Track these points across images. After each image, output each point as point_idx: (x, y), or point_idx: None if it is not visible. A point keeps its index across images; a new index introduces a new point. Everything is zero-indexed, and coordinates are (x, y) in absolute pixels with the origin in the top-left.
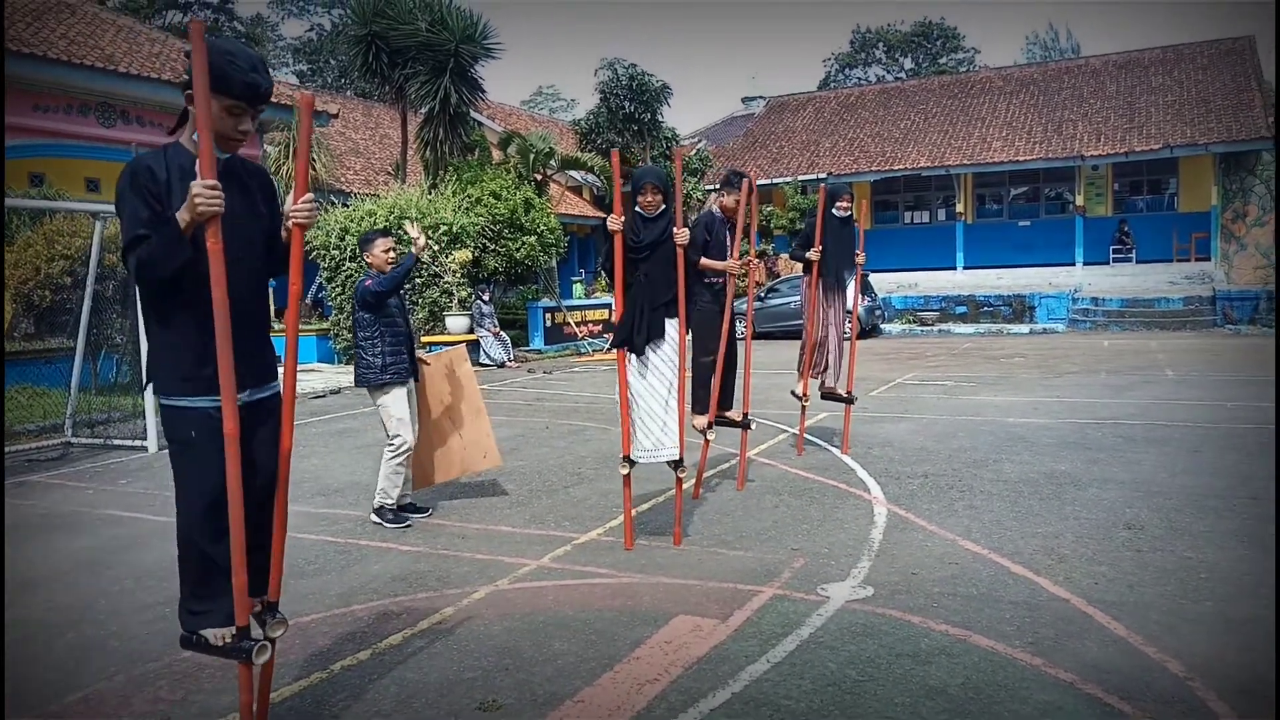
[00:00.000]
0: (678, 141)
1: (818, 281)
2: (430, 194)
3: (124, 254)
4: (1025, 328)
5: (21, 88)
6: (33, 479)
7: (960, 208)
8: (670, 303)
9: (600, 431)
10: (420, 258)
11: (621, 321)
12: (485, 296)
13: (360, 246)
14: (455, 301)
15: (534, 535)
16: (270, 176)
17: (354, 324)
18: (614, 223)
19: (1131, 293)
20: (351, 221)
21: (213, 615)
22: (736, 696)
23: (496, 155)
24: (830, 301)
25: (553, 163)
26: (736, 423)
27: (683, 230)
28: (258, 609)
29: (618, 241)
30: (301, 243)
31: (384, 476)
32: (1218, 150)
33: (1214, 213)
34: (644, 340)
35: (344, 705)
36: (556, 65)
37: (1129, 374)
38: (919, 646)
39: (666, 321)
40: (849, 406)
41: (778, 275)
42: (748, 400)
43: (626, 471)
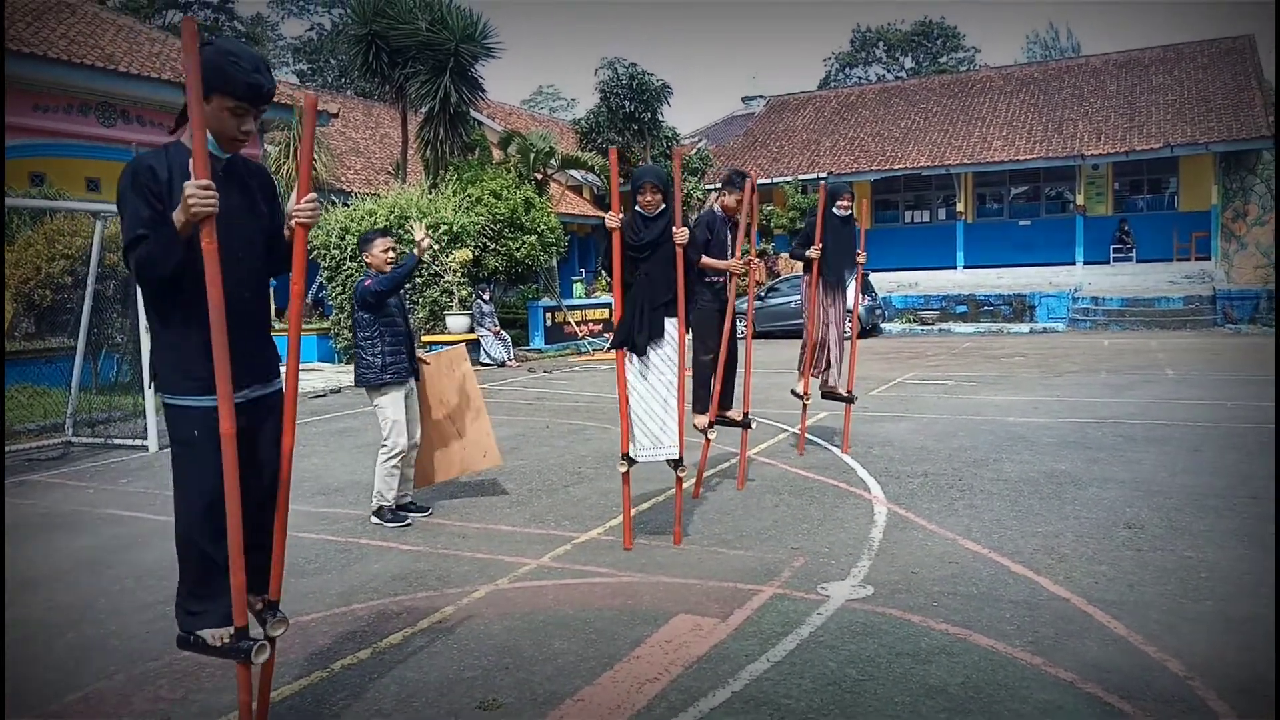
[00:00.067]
0: (678, 141)
1: (818, 281)
2: (430, 193)
3: (125, 253)
4: (1025, 327)
5: (22, 88)
6: (33, 478)
7: (960, 207)
8: (670, 302)
9: (600, 431)
10: (422, 259)
11: (621, 321)
12: (485, 296)
13: (360, 246)
14: (455, 301)
15: (534, 534)
16: (271, 175)
17: (354, 324)
18: (612, 220)
19: (1132, 292)
20: (352, 221)
21: (210, 615)
22: (736, 695)
23: (497, 155)
24: (831, 301)
25: (553, 162)
26: (737, 422)
27: (682, 230)
28: (258, 608)
29: (616, 240)
30: (304, 242)
31: (380, 478)
32: (1218, 149)
33: (1214, 212)
34: (644, 340)
35: (344, 704)
36: (556, 65)
37: (1129, 373)
38: (919, 645)
39: (666, 321)
40: (849, 406)
41: (778, 274)
42: (748, 399)
43: (625, 470)
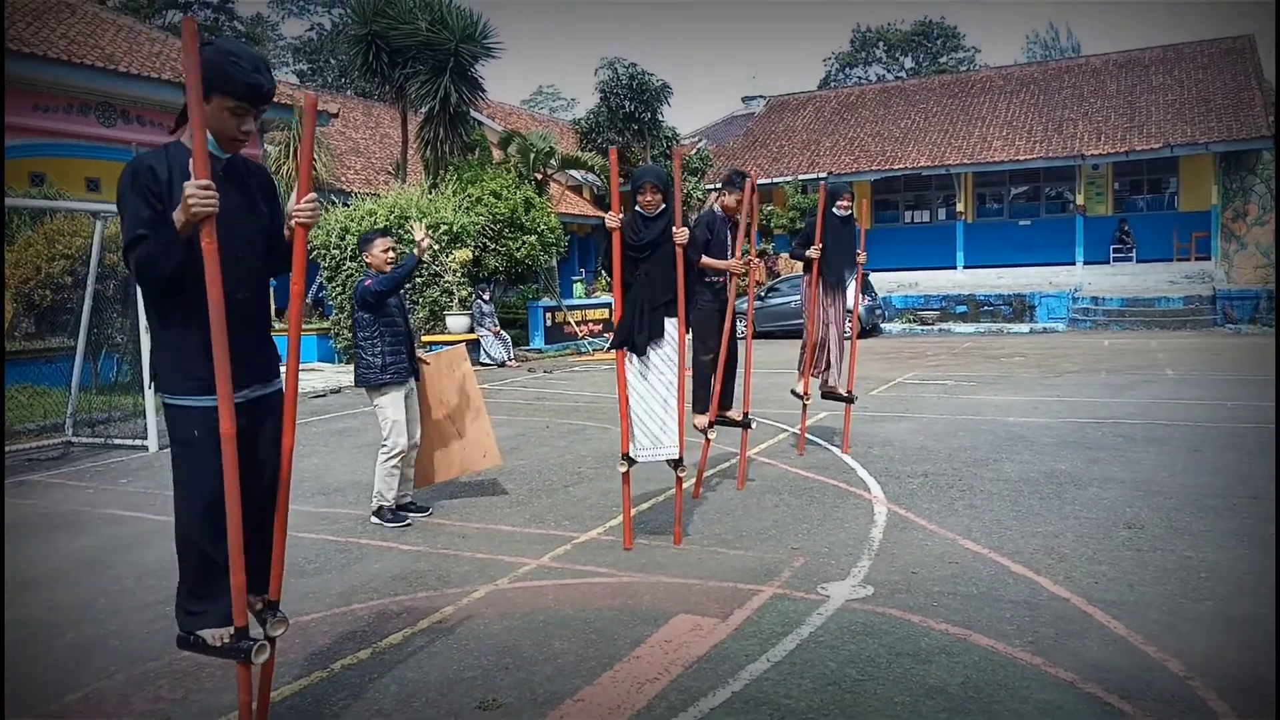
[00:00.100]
0: (678, 141)
1: (818, 280)
2: (430, 193)
3: (125, 253)
4: (1025, 327)
5: (21, 88)
6: (33, 478)
7: (960, 207)
8: (670, 302)
9: (600, 431)
10: (422, 259)
11: (621, 321)
12: (485, 296)
13: (360, 246)
14: (455, 301)
15: (534, 534)
16: (271, 175)
17: (354, 324)
18: (612, 220)
19: (1132, 292)
20: (352, 221)
21: (210, 615)
22: (736, 695)
23: (497, 154)
24: (831, 301)
25: (553, 162)
26: (737, 422)
27: (682, 230)
28: (258, 608)
29: (616, 240)
30: (304, 242)
31: (380, 479)
32: (1218, 149)
33: (1214, 212)
34: (645, 340)
35: (344, 704)
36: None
37: (1129, 373)
38: (919, 645)
39: (666, 321)
40: (849, 406)
41: (778, 274)
42: (748, 399)
43: (625, 470)
